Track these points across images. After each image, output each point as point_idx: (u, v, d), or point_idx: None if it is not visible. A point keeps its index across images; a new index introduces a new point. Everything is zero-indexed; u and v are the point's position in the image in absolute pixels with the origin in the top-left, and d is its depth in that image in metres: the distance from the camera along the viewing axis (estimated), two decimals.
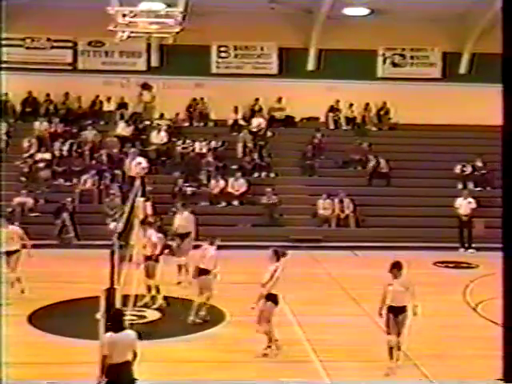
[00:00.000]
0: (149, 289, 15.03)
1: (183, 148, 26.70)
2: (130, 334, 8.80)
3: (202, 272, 13.98)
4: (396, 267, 11.27)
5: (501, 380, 6.15)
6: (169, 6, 22.37)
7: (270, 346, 12.03)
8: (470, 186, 26.12)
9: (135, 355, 8.69)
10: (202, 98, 28.74)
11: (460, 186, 26.00)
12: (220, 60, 29.35)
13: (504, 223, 5.07)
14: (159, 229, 16.42)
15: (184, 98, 28.49)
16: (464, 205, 23.78)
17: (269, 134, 28.08)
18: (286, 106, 28.85)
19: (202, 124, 28.70)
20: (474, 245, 23.26)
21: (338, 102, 29.04)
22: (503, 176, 4.75)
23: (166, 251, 16.27)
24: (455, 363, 10.70)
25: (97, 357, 9.73)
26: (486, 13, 26.92)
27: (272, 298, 12.14)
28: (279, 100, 28.84)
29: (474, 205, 23.81)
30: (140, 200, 17.85)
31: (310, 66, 29.25)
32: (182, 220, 17.87)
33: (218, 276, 14.12)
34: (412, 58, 29.82)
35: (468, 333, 11.07)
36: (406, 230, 23.78)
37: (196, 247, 15.75)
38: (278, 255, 12.38)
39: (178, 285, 16.63)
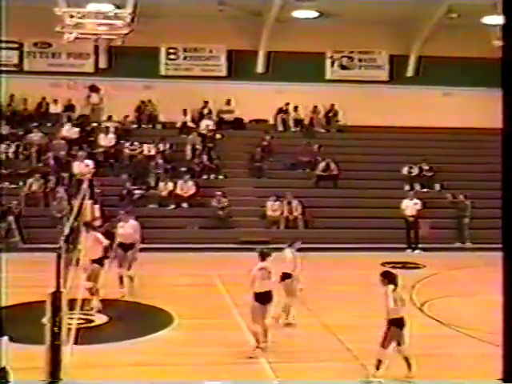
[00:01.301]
0: (90, 292, 14.75)
1: (131, 150, 26.55)
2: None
3: (285, 276, 13.85)
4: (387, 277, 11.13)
5: (501, 380, 6.22)
6: (117, 7, 22.23)
7: (258, 346, 12.13)
8: (417, 187, 26.47)
9: None
10: (150, 100, 28.61)
11: (407, 187, 26.34)
12: (169, 62, 29.28)
13: (504, 223, 5.13)
14: (108, 232, 16.25)
15: (132, 100, 28.32)
16: (410, 206, 24.11)
17: (218, 136, 28.08)
18: (235, 108, 28.91)
19: (150, 126, 28.56)
20: (420, 245, 23.58)
21: (286, 104, 29.18)
22: (503, 177, 4.82)
23: (112, 255, 16.03)
24: (402, 362, 10.81)
25: (42, 362, 9.65)
26: (431, 16, 27.38)
27: (255, 297, 12.19)
28: (228, 102, 28.87)
29: (420, 206, 24.15)
30: (87, 203, 17.70)
31: (259, 68, 29.35)
32: (127, 229, 16.50)
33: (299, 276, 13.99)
34: (360, 60, 30.13)
35: (414, 332, 11.18)
36: (354, 232, 24.02)
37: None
38: (263, 255, 12.44)
39: (122, 298, 15.90)
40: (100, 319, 14.15)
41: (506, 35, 4.72)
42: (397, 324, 10.73)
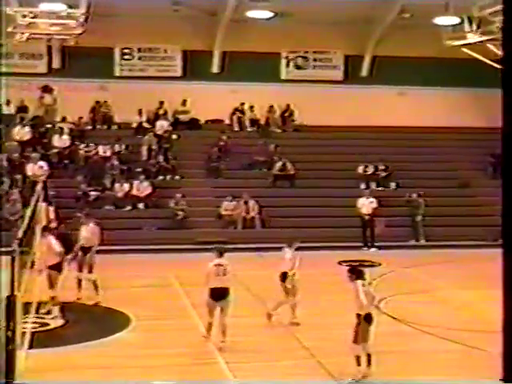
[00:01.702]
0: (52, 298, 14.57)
1: (86, 151, 26.30)
2: None
3: (284, 275, 14.19)
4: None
5: (501, 380, 6.28)
6: (70, 7, 22.01)
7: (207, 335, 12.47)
8: (372, 186, 26.69)
9: None
10: (105, 101, 28.37)
11: (362, 186, 26.54)
12: (123, 62, 29.07)
13: (504, 224, 5.17)
14: (63, 235, 16.07)
15: (87, 101, 28.02)
16: (366, 204, 24.31)
17: (174, 136, 27.96)
18: (191, 108, 28.81)
19: (105, 127, 28.32)
20: (376, 243, 23.79)
21: (242, 104, 29.19)
22: (503, 177, 4.85)
23: (69, 257, 15.83)
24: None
25: None
26: (385, 17, 27.63)
27: (209, 293, 12.46)
28: (184, 102, 28.76)
29: (375, 204, 24.37)
30: (42, 205, 17.50)
31: (215, 68, 29.31)
32: (87, 232, 16.31)
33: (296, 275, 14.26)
34: (315, 60, 30.27)
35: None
36: (310, 231, 24.07)
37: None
38: (220, 252, 12.75)
39: (78, 300, 15.74)
40: (56, 322, 14.00)
41: (505, 37, 4.75)
42: (366, 320, 10.79)
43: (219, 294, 12.39)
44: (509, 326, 4.70)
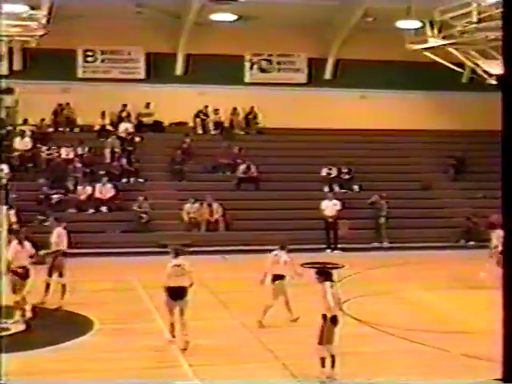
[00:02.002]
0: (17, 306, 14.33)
1: (48, 154, 26.08)
2: None
3: (276, 277, 14.22)
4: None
5: (501, 380, 6.30)
6: (32, 8, 21.78)
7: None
8: (336, 188, 26.82)
9: None
10: (68, 103, 28.14)
11: (326, 188, 26.65)
12: (86, 64, 28.85)
13: (504, 223, 5.19)
14: (26, 238, 15.86)
15: (49, 103, 27.77)
16: (330, 207, 24.44)
17: (137, 139, 27.84)
18: (155, 111, 28.71)
19: (68, 129, 28.09)
20: (339, 245, 23.90)
21: (206, 106, 29.16)
22: (503, 178, 4.87)
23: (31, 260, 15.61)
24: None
25: None
26: (348, 20, 27.77)
27: (166, 292, 12.65)
28: (147, 105, 28.65)
29: (339, 207, 24.50)
30: (3, 208, 17.27)
31: (178, 71, 29.22)
32: (56, 236, 16.19)
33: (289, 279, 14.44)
34: (278, 63, 30.31)
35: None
36: (274, 233, 24.11)
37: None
38: (176, 252, 12.98)
39: (41, 305, 15.49)
40: (17, 327, 13.82)
41: (506, 41, 4.78)
42: (332, 321, 10.82)
43: (177, 294, 12.52)
44: (509, 327, 4.72)
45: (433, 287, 17.91)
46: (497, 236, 18.21)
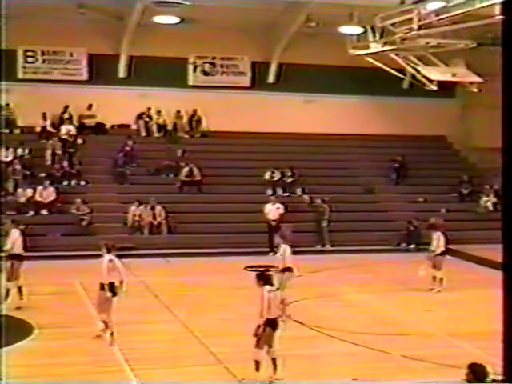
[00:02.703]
0: None
1: None
2: None
3: (286, 269, 15.69)
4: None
5: (501, 381, 6.32)
6: None
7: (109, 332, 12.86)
8: (279, 191, 26.92)
9: None
10: (7, 104, 27.65)
11: (269, 192, 26.74)
12: (27, 65, 28.37)
13: (504, 224, 5.20)
14: None
15: None
16: (273, 210, 24.51)
17: (79, 141, 27.51)
18: (97, 112, 28.40)
19: (7, 131, 27.56)
20: None
21: (149, 109, 28.97)
22: (503, 179, 4.89)
23: None
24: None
25: None
26: (291, 24, 27.90)
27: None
28: (89, 107, 28.31)
29: (282, 210, 24.59)
30: None
31: (121, 72, 28.95)
32: (13, 239, 15.98)
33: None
34: (222, 66, 30.29)
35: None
36: (217, 237, 24.18)
37: None
38: (108, 249, 13.55)
39: (18, 310, 15.29)
40: None
41: (505, 43, 4.82)
42: (270, 325, 10.84)
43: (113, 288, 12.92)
44: (509, 327, 4.78)
45: (374, 290, 18.13)
46: (437, 237, 18.56)
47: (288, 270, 15.67)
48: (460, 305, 16.65)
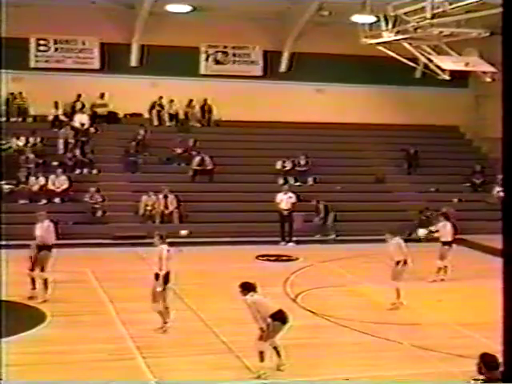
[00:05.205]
0: None
1: (0, 144, 25.67)
2: None
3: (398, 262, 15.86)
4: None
5: (501, 380, 6.35)
6: None
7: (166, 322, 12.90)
8: (291, 181, 26.91)
9: None
10: (20, 93, 27.71)
11: (281, 181, 26.74)
12: (39, 54, 28.40)
13: (504, 225, 5.19)
14: None
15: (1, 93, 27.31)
16: (285, 199, 24.47)
17: (91, 130, 27.55)
18: (109, 101, 28.40)
19: (20, 119, 27.68)
20: (294, 238, 23.99)
21: (161, 98, 28.98)
22: (503, 177, 4.87)
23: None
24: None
25: None
26: (303, 13, 27.83)
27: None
28: (102, 96, 28.34)
29: (294, 199, 24.56)
30: None
31: (133, 61, 28.95)
32: (42, 230, 16.14)
33: None
34: (234, 55, 30.24)
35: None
36: (229, 225, 24.19)
37: None
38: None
39: (30, 299, 15.38)
40: None
41: (505, 41, 4.78)
42: (278, 319, 10.87)
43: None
44: (509, 326, 4.75)
45: (385, 280, 18.10)
46: (443, 226, 18.66)
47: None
48: (471, 295, 16.63)
